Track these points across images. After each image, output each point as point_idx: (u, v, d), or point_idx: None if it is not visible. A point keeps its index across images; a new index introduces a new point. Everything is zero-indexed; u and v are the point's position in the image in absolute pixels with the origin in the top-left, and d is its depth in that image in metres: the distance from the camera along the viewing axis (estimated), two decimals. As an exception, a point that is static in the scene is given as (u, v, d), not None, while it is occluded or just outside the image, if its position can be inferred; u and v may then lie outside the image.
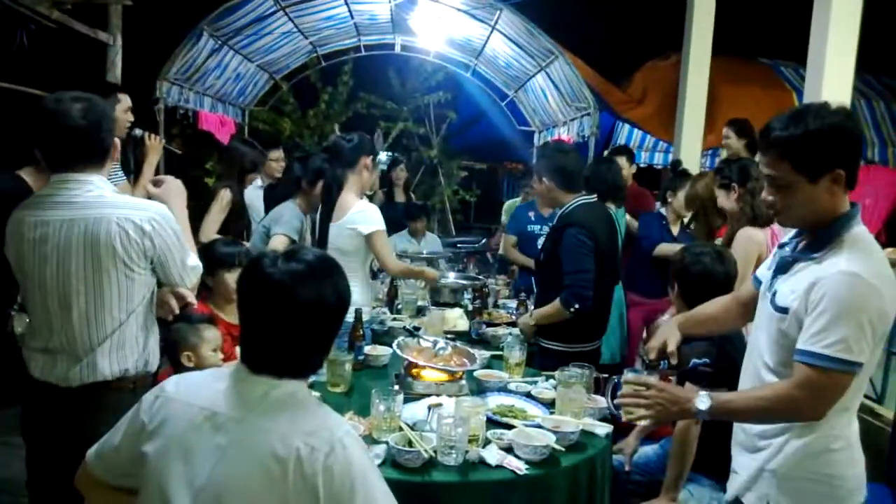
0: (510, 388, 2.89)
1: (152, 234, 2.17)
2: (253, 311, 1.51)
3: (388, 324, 3.92)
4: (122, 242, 2.13)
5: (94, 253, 2.12)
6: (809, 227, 1.98)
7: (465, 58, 8.16)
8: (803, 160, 1.87)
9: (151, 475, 1.47)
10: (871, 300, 1.79)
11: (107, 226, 2.11)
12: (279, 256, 1.50)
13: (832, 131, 1.85)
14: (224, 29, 6.28)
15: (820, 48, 4.56)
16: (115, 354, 2.22)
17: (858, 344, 1.78)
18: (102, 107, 2.24)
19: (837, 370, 1.79)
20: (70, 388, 2.20)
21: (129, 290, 2.20)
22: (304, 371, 1.53)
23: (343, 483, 1.36)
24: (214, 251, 3.06)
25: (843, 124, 1.87)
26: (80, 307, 2.16)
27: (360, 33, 7.81)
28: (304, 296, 1.46)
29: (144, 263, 2.20)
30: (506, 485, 2.12)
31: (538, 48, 6.70)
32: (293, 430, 1.40)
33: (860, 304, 1.78)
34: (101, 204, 2.15)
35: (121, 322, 2.21)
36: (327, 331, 1.53)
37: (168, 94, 6.11)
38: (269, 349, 1.50)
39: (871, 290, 1.79)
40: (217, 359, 2.54)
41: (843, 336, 1.77)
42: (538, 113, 8.07)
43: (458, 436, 2.14)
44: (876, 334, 1.82)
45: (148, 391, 2.22)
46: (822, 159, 1.87)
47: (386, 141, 7.39)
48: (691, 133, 6.97)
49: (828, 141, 1.85)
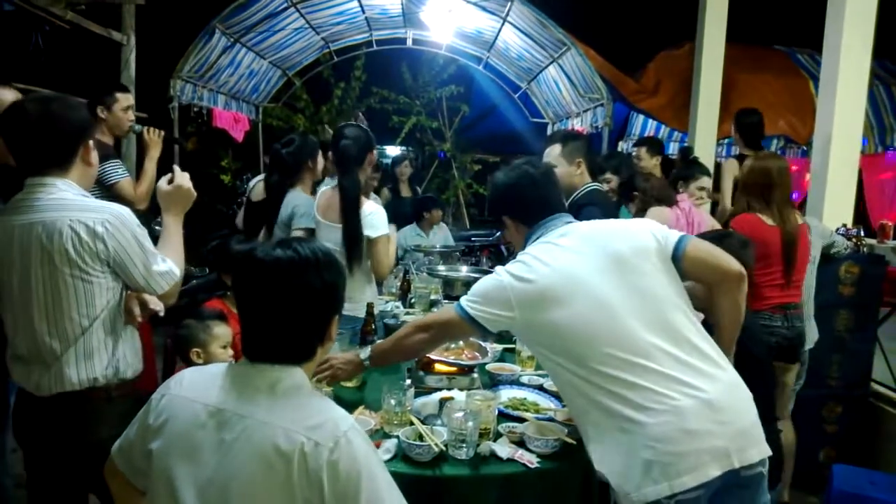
0: (522, 382, 2.87)
1: (105, 236, 2.07)
2: (245, 298, 1.53)
3: (400, 318, 3.91)
4: (75, 245, 2.05)
5: (49, 257, 2.06)
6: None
7: (477, 50, 8.15)
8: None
9: (158, 472, 1.47)
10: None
11: (60, 228, 2.04)
12: (270, 245, 1.52)
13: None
14: (236, 26, 6.31)
15: (836, 34, 4.50)
16: (83, 364, 2.14)
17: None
18: (62, 109, 2.15)
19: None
20: (44, 397, 2.15)
21: (89, 295, 2.11)
22: (298, 356, 1.52)
23: (348, 478, 1.36)
24: (227, 249, 3.08)
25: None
26: (40, 312, 2.10)
27: (372, 28, 7.82)
28: (290, 280, 1.47)
29: (101, 267, 2.10)
30: (517, 478, 2.10)
31: (550, 39, 6.68)
32: (297, 425, 1.39)
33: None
34: (58, 206, 2.08)
35: (83, 329, 2.13)
36: (318, 315, 1.52)
37: (182, 92, 6.15)
38: (261, 335, 1.51)
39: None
40: (227, 355, 2.53)
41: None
42: (551, 104, 8.05)
43: (469, 429, 2.13)
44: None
45: (131, 397, 2.22)
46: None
47: (367, 121, 7.42)
48: (706, 122, 6.91)
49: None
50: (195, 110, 6.70)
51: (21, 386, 2.21)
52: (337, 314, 1.57)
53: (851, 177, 4.63)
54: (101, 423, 2.15)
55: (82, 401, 2.16)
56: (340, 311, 1.60)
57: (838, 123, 4.51)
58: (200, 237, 5.29)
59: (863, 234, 4.51)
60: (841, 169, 4.54)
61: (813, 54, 7.91)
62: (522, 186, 2.27)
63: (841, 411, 4.29)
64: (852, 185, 4.64)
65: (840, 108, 4.51)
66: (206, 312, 2.66)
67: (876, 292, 4.27)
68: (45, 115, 2.11)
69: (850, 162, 4.59)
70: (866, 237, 4.66)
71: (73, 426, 2.17)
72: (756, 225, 3.57)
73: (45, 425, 2.19)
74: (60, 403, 2.15)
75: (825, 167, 4.53)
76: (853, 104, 4.54)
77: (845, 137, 4.53)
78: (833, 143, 4.52)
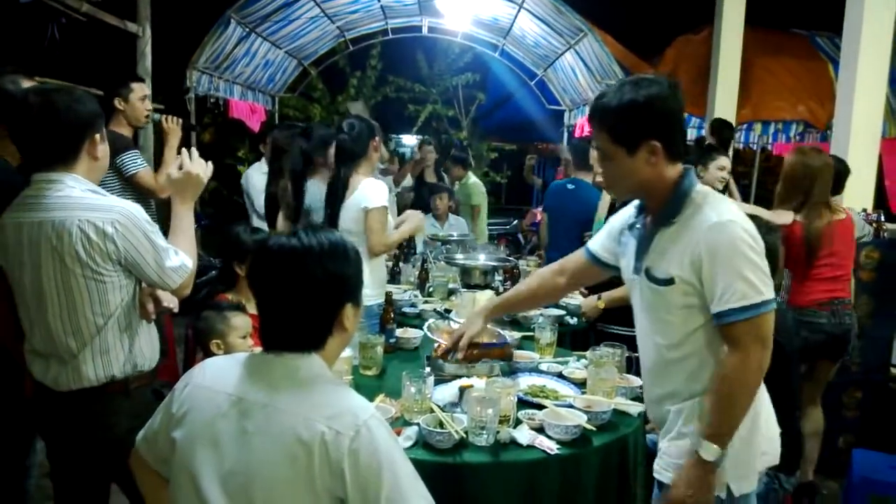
0: (541, 369, 2.87)
1: (115, 236, 2.03)
2: (258, 287, 1.54)
3: (419, 306, 3.93)
4: (84, 246, 2.01)
5: (60, 257, 2.03)
6: (644, 198, 1.97)
7: (493, 38, 8.11)
8: (619, 131, 1.84)
9: (181, 461, 1.49)
10: (750, 238, 1.78)
11: (69, 228, 2.01)
12: (283, 235, 1.53)
13: (646, 102, 1.80)
14: (251, 16, 6.31)
15: (856, 17, 4.46)
16: (99, 360, 2.13)
17: (763, 281, 1.77)
18: (65, 101, 2.08)
19: (761, 314, 1.77)
20: (62, 392, 2.15)
21: (102, 294, 2.09)
22: (309, 344, 1.52)
23: (370, 466, 1.36)
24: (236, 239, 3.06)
25: (658, 95, 1.81)
26: (54, 311, 2.08)
27: (387, 16, 7.80)
28: (291, 269, 1.48)
29: (112, 266, 2.07)
30: (537, 465, 2.11)
31: (567, 25, 6.64)
32: (317, 414, 1.40)
33: (746, 245, 1.76)
34: (65, 205, 2.04)
35: (98, 327, 2.11)
36: (323, 304, 1.52)
37: (198, 83, 6.17)
38: (273, 323, 1.53)
39: (747, 229, 1.78)
40: (246, 346, 2.52)
41: (749, 280, 1.75)
42: (568, 92, 8.01)
43: (488, 417, 2.13)
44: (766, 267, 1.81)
45: (149, 387, 2.25)
46: (636, 131, 1.82)
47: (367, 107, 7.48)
48: (724, 107, 6.87)
49: (641, 112, 1.80)
50: (211, 101, 6.72)
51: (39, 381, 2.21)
52: (349, 303, 1.56)
53: (872, 161, 4.58)
54: (119, 415, 2.16)
55: (100, 395, 2.16)
56: (357, 301, 1.59)
57: (858, 108, 4.47)
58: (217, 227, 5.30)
59: (883, 218, 4.47)
60: (861, 153, 4.51)
61: (833, 38, 7.82)
62: (677, 105, 1.88)
63: (861, 396, 4.27)
64: (872, 169, 4.60)
65: (860, 93, 4.47)
66: (224, 303, 2.66)
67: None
68: (48, 108, 2.06)
69: (871, 146, 4.55)
70: (887, 222, 4.62)
71: (92, 420, 2.17)
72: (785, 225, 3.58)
73: (64, 419, 2.20)
74: (79, 398, 2.15)
75: (845, 152, 4.49)
76: (874, 88, 4.50)
77: (865, 122, 4.50)
78: (853, 127, 4.48)
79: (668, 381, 1.97)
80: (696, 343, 1.88)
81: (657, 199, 1.91)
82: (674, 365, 1.94)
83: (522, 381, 2.67)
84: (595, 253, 2.28)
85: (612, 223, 2.22)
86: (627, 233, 2.08)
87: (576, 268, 2.37)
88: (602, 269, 2.31)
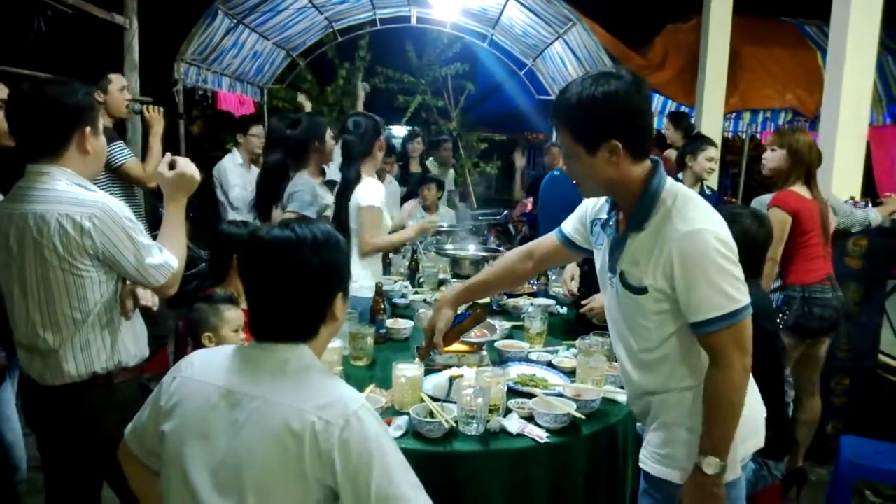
0: (531, 358, 2.89)
1: (92, 231, 2.02)
2: (249, 278, 1.55)
3: (409, 297, 3.94)
4: (62, 240, 2.02)
5: (40, 249, 2.03)
6: (614, 197, 1.92)
7: (482, 28, 8.08)
8: (578, 130, 1.78)
9: (170, 454, 1.49)
10: (721, 244, 1.73)
11: (49, 222, 2.01)
12: (275, 227, 1.54)
13: (604, 100, 1.71)
14: (239, 7, 6.27)
15: (844, 5, 4.47)
16: (80, 356, 2.13)
17: (737, 288, 1.74)
18: (56, 93, 2.08)
19: (738, 321, 1.74)
20: (47, 386, 2.16)
21: (80, 290, 2.08)
22: (300, 334, 1.53)
23: (360, 456, 1.37)
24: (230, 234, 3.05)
25: (618, 92, 1.71)
26: (33, 303, 2.08)
27: (375, 6, 7.75)
28: (286, 258, 1.48)
29: (90, 261, 2.07)
30: (527, 453, 2.12)
31: (555, 15, 6.63)
32: (307, 404, 1.40)
33: (717, 254, 1.72)
34: (48, 198, 2.04)
35: (77, 322, 2.11)
36: (316, 294, 1.53)
37: (186, 75, 6.13)
38: (264, 314, 1.53)
39: (718, 235, 1.74)
40: (238, 339, 2.51)
41: (723, 290, 1.72)
42: (557, 81, 7.99)
43: (478, 406, 2.14)
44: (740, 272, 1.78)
45: (135, 381, 2.25)
46: (594, 129, 1.75)
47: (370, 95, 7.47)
48: (713, 95, 6.88)
49: (599, 110, 1.72)
50: (200, 93, 6.68)
51: (26, 373, 2.22)
52: (340, 293, 1.57)
53: (859, 149, 4.60)
54: (105, 410, 2.16)
55: (83, 390, 2.16)
56: (346, 292, 1.60)
57: (846, 96, 4.48)
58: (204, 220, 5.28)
59: (871, 206, 4.50)
60: (849, 141, 4.53)
61: (821, 26, 7.83)
62: (638, 102, 1.77)
63: (849, 383, 4.31)
64: (860, 157, 4.62)
65: (848, 80, 4.48)
66: (217, 296, 2.65)
67: (884, 265, 4.27)
68: (38, 99, 2.07)
69: (859, 134, 4.57)
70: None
71: (77, 415, 2.18)
72: (799, 199, 3.65)
73: (50, 413, 2.20)
74: (63, 393, 2.15)
75: (833, 140, 4.51)
76: (861, 76, 4.51)
77: (853, 110, 4.51)
78: (841, 115, 4.49)
79: (646, 379, 1.96)
80: (671, 346, 1.88)
81: (626, 199, 1.86)
82: (651, 365, 1.93)
83: (512, 371, 2.69)
84: (568, 235, 2.25)
85: (584, 207, 2.19)
86: (600, 231, 2.03)
87: (547, 251, 2.32)
88: (573, 252, 2.28)
